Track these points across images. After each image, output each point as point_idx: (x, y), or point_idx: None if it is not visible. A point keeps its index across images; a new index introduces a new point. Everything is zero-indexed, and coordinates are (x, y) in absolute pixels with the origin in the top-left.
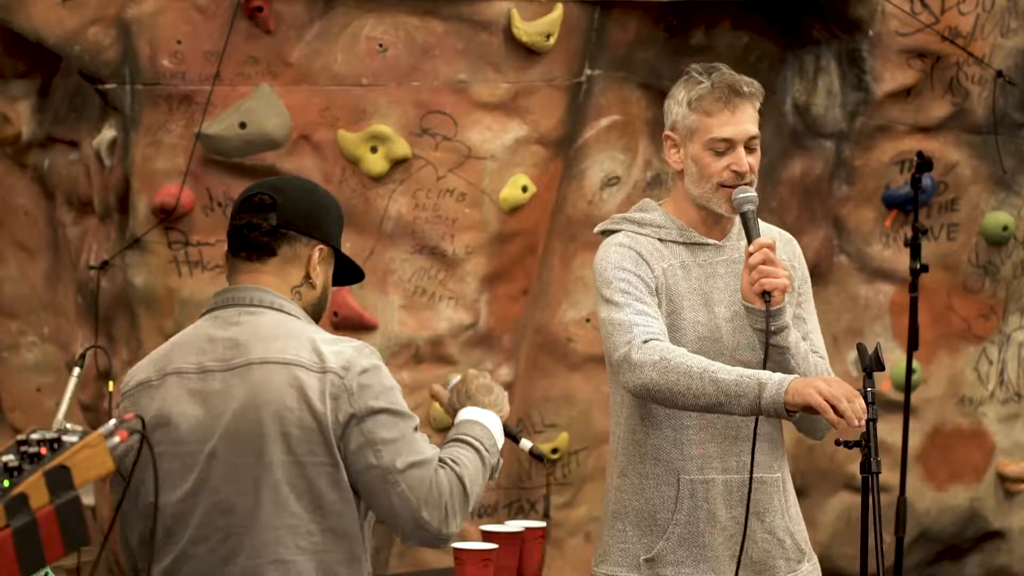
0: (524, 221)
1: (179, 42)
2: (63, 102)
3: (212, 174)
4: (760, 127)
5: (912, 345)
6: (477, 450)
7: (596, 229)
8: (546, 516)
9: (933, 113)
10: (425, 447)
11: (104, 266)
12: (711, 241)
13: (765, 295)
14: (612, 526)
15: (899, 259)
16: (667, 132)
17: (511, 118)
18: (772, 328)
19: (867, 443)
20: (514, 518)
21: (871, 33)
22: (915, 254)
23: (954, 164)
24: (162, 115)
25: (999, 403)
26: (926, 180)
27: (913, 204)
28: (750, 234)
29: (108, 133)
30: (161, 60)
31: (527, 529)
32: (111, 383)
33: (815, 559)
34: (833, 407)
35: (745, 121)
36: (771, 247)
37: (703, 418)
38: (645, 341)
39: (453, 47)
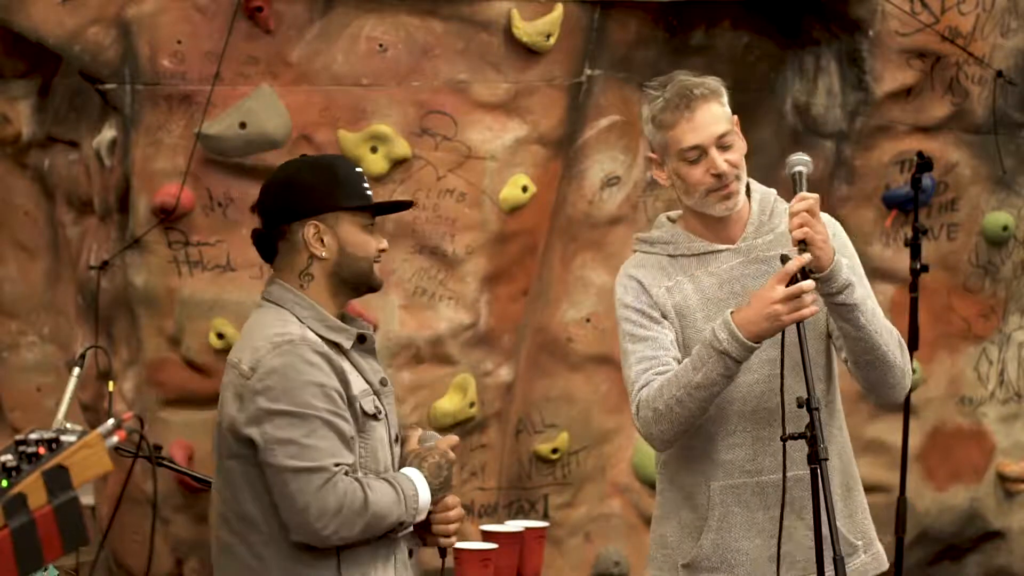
0: (524, 221)
1: (179, 42)
2: (63, 102)
3: (212, 174)
4: (753, 125)
5: (912, 345)
6: (395, 489)
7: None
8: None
9: (933, 113)
10: (320, 454)
11: (104, 266)
12: (723, 247)
13: (801, 244)
14: (655, 531)
15: (899, 259)
16: (648, 154)
17: (511, 118)
18: (834, 288)
19: (812, 433)
20: (514, 518)
21: (871, 33)
22: (915, 254)
23: (954, 164)
24: (162, 115)
25: (999, 403)
26: (926, 180)
27: (913, 204)
28: (796, 192)
29: (108, 133)
30: (161, 60)
31: (527, 529)
32: (111, 383)
33: (876, 549)
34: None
35: (707, 124)
36: (814, 201)
37: (729, 423)
38: (637, 404)
39: (453, 47)
